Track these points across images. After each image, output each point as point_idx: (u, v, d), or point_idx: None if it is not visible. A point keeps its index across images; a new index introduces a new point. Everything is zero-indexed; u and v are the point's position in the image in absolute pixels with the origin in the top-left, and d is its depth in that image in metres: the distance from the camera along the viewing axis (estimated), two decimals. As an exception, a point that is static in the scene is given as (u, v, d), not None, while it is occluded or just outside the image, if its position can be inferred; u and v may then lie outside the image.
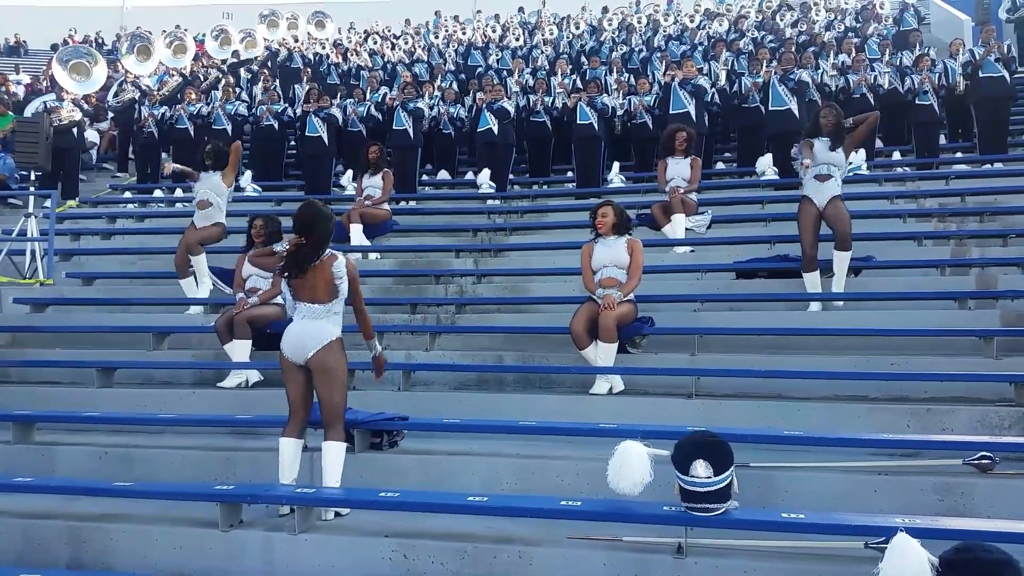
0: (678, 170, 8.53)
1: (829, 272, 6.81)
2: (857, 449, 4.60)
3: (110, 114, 14.76)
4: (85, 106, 14.11)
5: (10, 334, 7.82)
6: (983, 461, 4.20)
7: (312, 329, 4.36)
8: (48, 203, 9.70)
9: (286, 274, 4.39)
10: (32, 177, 10.24)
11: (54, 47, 20.41)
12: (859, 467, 4.44)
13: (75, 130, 12.17)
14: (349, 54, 18.46)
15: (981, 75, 10.65)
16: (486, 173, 11.12)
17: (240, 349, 6.44)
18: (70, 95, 12.62)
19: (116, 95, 14.34)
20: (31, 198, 9.77)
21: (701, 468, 3.54)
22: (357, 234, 9.07)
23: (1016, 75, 11.36)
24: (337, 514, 4.36)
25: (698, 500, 3.55)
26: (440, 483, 4.75)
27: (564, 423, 5.22)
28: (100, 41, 26.42)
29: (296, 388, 4.48)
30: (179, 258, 7.90)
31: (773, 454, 4.52)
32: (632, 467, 3.62)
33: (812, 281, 6.78)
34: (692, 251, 8.31)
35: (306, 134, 11.62)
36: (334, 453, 4.42)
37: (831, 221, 6.65)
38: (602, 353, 5.82)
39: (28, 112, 12.83)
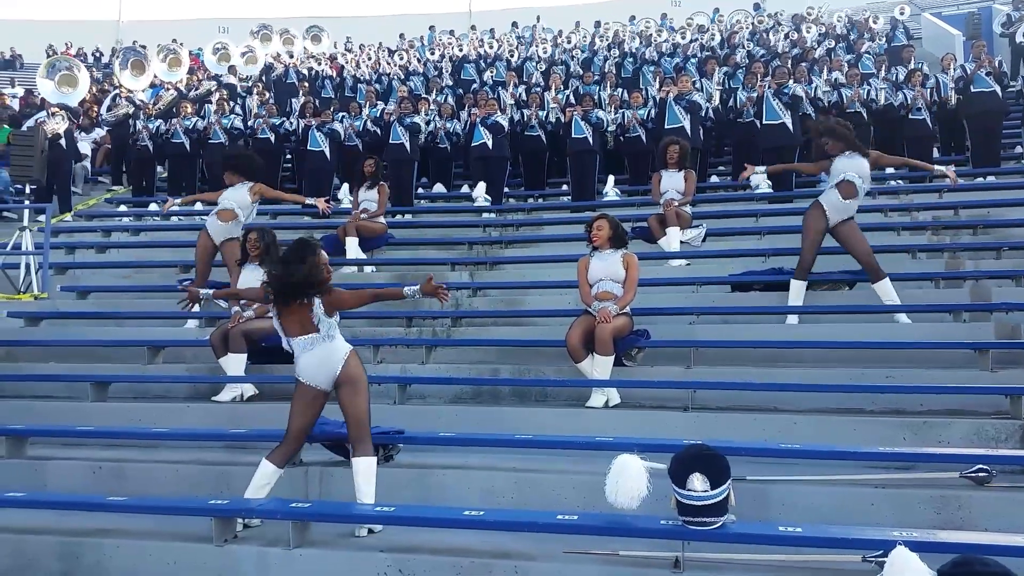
0: (672, 182, 8.57)
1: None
2: (853, 462, 4.59)
3: (104, 128, 14.74)
4: (73, 118, 14.07)
5: (4, 348, 7.77)
6: (980, 474, 4.20)
7: (329, 350, 4.39)
8: (43, 217, 9.69)
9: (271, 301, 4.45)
10: (27, 190, 10.22)
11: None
12: (856, 480, 4.44)
13: (63, 141, 12.08)
14: (345, 68, 18.52)
15: (973, 90, 10.72)
16: (482, 187, 11.15)
17: (235, 363, 6.42)
18: (56, 109, 12.60)
19: (110, 109, 14.35)
20: (26, 211, 9.75)
21: (698, 482, 3.53)
22: (353, 247, 9.07)
23: (1008, 89, 11.44)
24: (370, 531, 4.32)
25: (695, 514, 3.54)
26: (436, 497, 4.73)
27: (560, 436, 5.21)
28: (98, 55, 26.51)
29: (303, 419, 4.46)
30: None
31: (769, 467, 4.52)
32: (630, 481, 3.62)
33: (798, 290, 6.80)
34: (688, 264, 8.33)
35: (308, 148, 11.64)
36: (365, 467, 4.40)
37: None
38: (598, 366, 5.82)
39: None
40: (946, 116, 11.23)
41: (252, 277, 6.72)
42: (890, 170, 11.33)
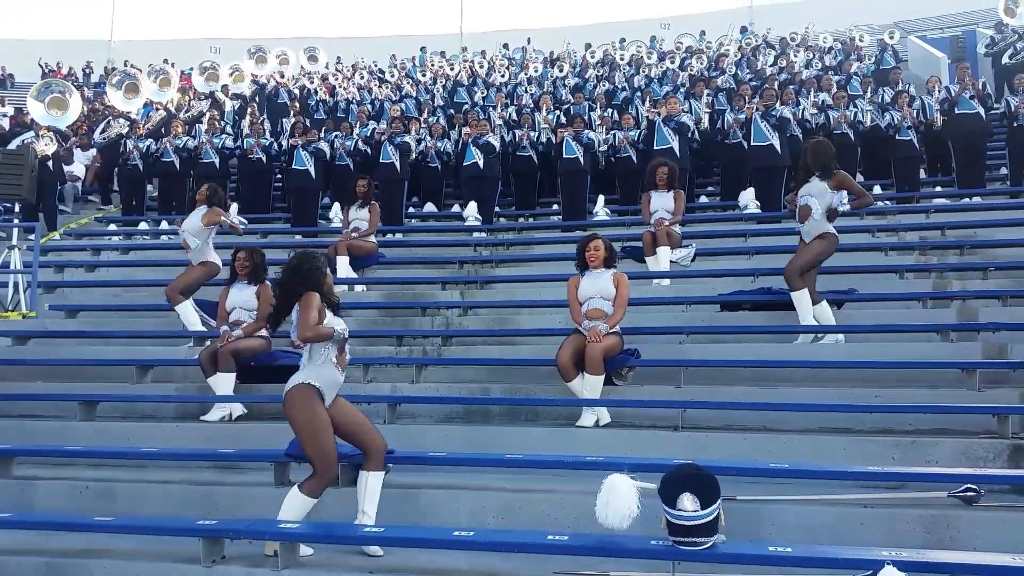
0: (662, 202, 8.63)
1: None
2: (843, 482, 4.60)
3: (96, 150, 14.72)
4: (64, 142, 14.06)
5: (-9, 367, 7.73)
6: (968, 493, 4.22)
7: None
8: (32, 235, 9.65)
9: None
10: (16, 209, 10.19)
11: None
12: (845, 500, 4.44)
13: (51, 163, 12.08)
14: (337, 88, 18.60)
15: (957, 111, 10.86)
16: (473, 206, 11.19)
17: (224, 382, 6.40)
18: (45, 131, 12.59)
19: (103, 131, 14.35)
20: (15, 230, 9.72)
21: (688, 501, 3.53)
22: (343, 266, 9.07)
23: (991, 111, 11.59)
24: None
25: (685, 534, 3.54)
26: (425, 517, 4.72)
27: (550, 456, 5.20)
28: (88, 71, 26.54)
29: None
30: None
31: (759, 487, 4.52)
32: (620, 501, 3.61)
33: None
34: (668, 284, 8.35)
35: (293, 167, 11.66)
36: (295, 501, 4.35)
37: None
38: (588, 385, 5.83)
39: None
40: (932, 137, 11.36)
41: (242, 295, 6.74)
42: (877, 190, 11.48)
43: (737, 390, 6.02)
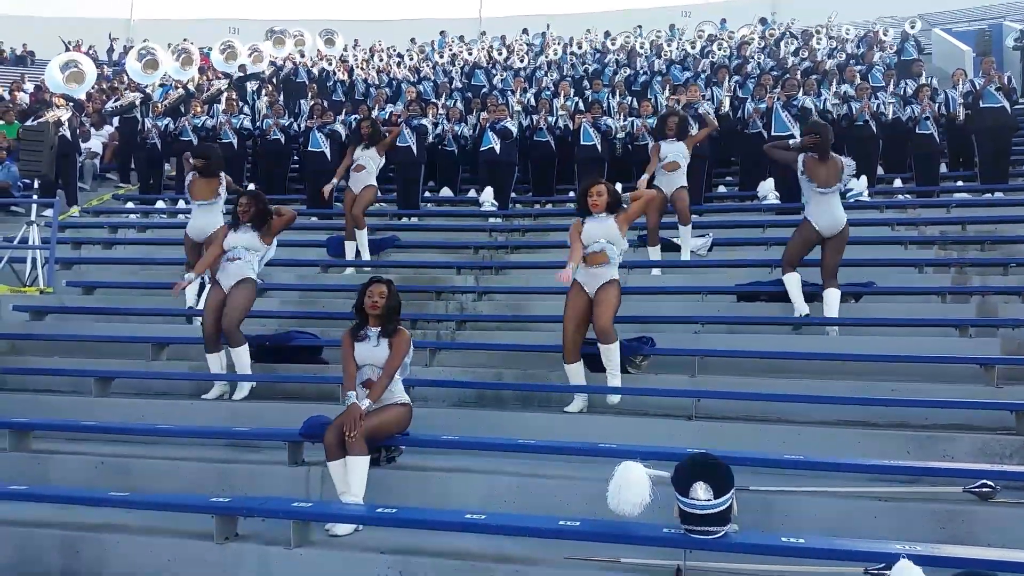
0: (672, 150, 8.35)
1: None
2: (857, 474, 4.57)
3: (114, 124, 14.75)
4: (80, 112, 14.12)
5: (9, 341, 7.80)
6: (984, 489, 4.18)
7: None
8: (50, 211, 9.71)
9: None
10: (35, 185, 10.26)
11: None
12: (859, 493, 4.42)
13: (67, 131, 12.05)
14: (355, 71, 18.58)
15: (982, 105, 10.71)
16: (489, 191, 11.16)
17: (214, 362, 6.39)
18: (58, 98, 12.63)
19: (116, 100, 14.39)
20: (33, 206, 9.79)
21: (701, 491, 3.52)
22: (352, 250, 9.05)
23: (1017, 106, 11.44)
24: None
25: (698, 523, 3.53)
26: (438, 500, 4.71)
27: (563, 442, 5.19)
28: (111, 50, 26.64)
29: None
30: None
31: (773, 478, 4.51)
32: (633, 488, 3.61)
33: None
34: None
35: (309, 149, 11.66)
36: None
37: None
38: (609, 356, 5.75)
39: None
40: (955, 131, 11.22)
41: (242, 238, 6.43)
42: (898, 183, 11.37)
43: (752, 381, 6.00)
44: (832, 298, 6.73)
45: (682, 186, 8.32)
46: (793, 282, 6.88)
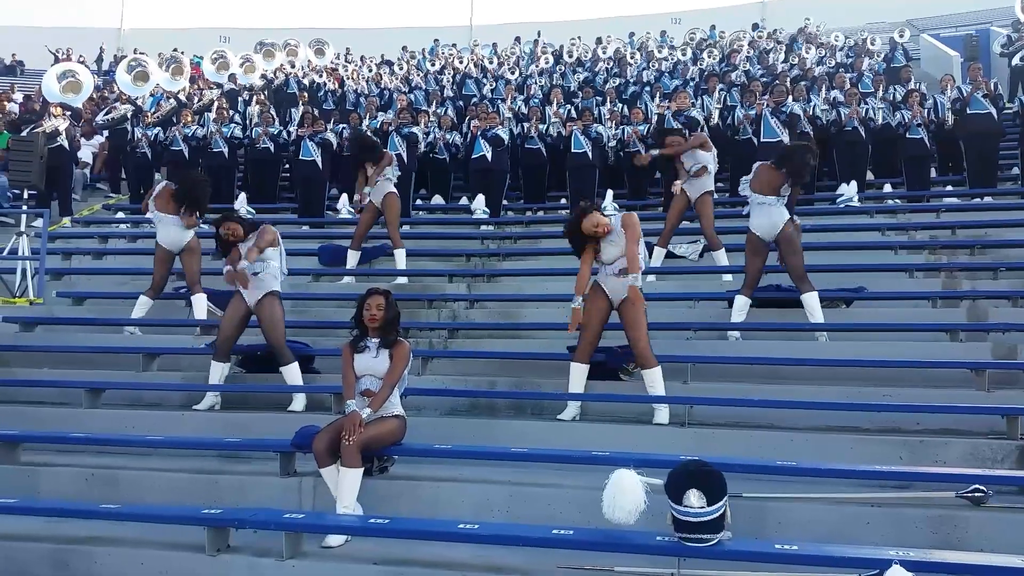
0: (696, 156, 8.44)
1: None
2: (850, 480, 4.58)
3: (104, 134, 14.71)
4: (76, 121, 14.07)
5: (-2, 353, 7.75)
6: (976, 494, 4.19)
7: None
8: (39, 222, 9.67)
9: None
10: (25, 195, 10.21)
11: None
12: (852, 499, 4.42)
13: (64, 141, 12.03)
14: (346, 80, 18.58)
15: (969, 111, 10.77)
16: (481, 199, 11.17)
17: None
18: (55, 107, 12.60)
19: (107, 113, 14.34)
20: (23, 216, 9.74)
21: (695, 498, 3.52)
22: (353, 259, 9.02)
23: (1004, 111, 11.51)
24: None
25: (691, 530, 3.53)
26: (430, 510, 4.70)
27: (556, 450, 5.18)
28: (100, 59, 26.57)
29: None
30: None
31: (766, 485, 4.50)
32: (626, 496, 3.61)
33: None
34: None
35: (300, 158, 11.65)
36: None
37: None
38: (651, 382, 5.69)
39: None
40: (944, 137, 11.29)
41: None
42: (887, 188, 11.42)
43: (745, 387, 6.00)
44: (811, 302, 6.69)
45: (708, 191, 8.42)
46: (741, 305, 6.86)
